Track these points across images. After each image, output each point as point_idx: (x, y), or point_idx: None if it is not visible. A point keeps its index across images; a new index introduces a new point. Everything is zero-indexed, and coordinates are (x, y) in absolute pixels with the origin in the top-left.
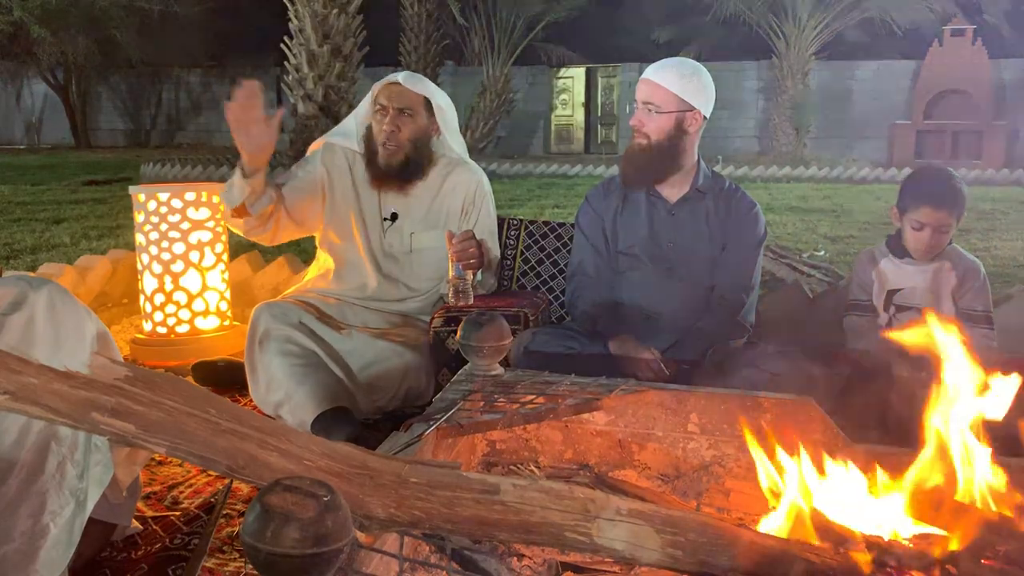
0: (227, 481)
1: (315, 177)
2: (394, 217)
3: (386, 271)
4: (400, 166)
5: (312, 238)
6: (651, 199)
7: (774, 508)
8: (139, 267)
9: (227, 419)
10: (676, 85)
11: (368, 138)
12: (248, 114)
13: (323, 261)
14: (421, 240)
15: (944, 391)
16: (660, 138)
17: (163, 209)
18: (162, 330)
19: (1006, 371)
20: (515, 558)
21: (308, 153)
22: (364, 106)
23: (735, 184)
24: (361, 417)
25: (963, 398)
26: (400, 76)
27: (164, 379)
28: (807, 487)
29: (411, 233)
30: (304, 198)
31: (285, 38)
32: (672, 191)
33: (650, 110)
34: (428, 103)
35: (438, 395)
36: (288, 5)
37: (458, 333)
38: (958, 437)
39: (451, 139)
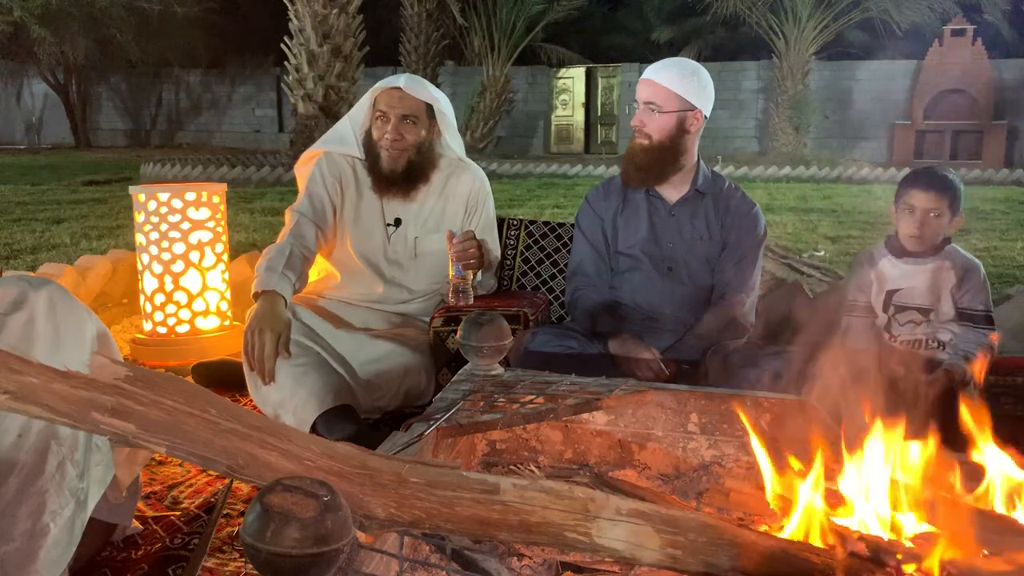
0: (227, 481)
1: (331, 195)
2: (397, 222)
3: (390, 277)
4: (404, 172)
5: None
6: (651, 199)
7: (777, 510)
8: (139, 267)
9: (227, 419)
10: (677, 85)
11: (369, 143)
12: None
13: (325, 264)
14: (425, 244)
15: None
16: (662, 138)
17: (163, 209)
18: (162, 330)
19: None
20: (515, 558)
21: (301, 164)
22: (361, 110)
23: (735, 184)
24: (362, 415)
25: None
26: (401, 81)
27: (164, 379)
28: (811, 489)
29: (415, 238)
30: (329, 220)
31: (285, 38)
32: (672, 191)
33: (652, 110)
34: (429, 107)
35: (438, 395)
36: (288, 5)
37: (458, 333)
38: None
39: (451, 140)
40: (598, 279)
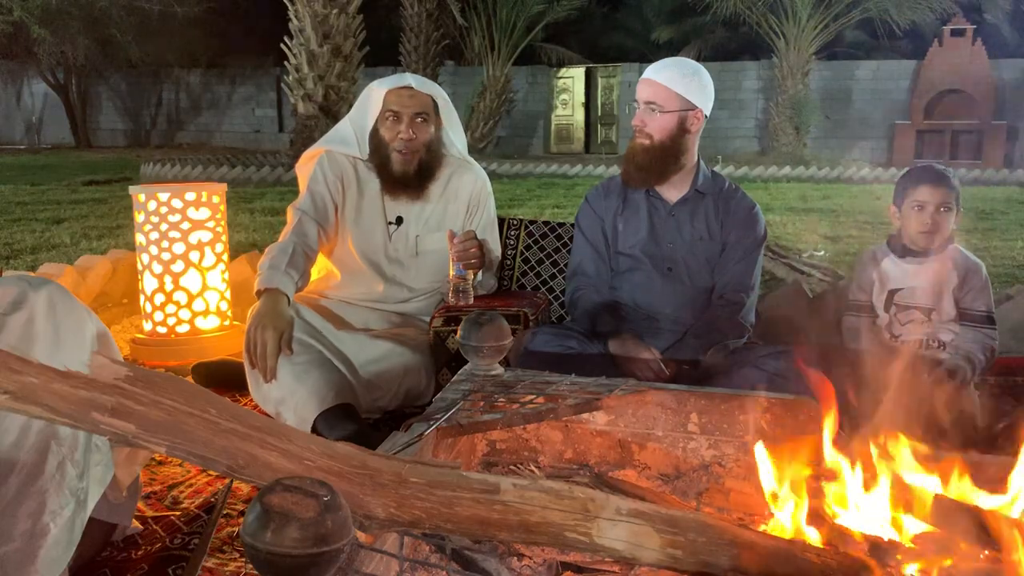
0: (227, 481)
1: (333, 194)
2: (399, 221)
3: (391, 275)
4: (416, 173)
5: None
6: (651, 199)
7: (777, 510)
8: (139, 267)
9: (227, 419)
10: (678, 84)
11: (377, 144)
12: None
13: (326, 263)
14: (426, 243)
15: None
16: (663, 137)
17: (163, 209)
18: (162, 330)
19: (1007, 371)
20: (515, 558)
21: (302, 163)
22: (363, 111)
23: (735, 184)
24: (362, 415)
25: None
26: (411, 79)
27: (164, 379)
28: (810, 489)
29: (416, 236)
30: (331, 219)
31: (285, 38)
32: (672, 192)
33: (652, 109)
34: (434, 103)
35: (438, 395)
36: (288, 5)
37: (458, 333)
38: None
39: (454, 135)
40: (598, 279)
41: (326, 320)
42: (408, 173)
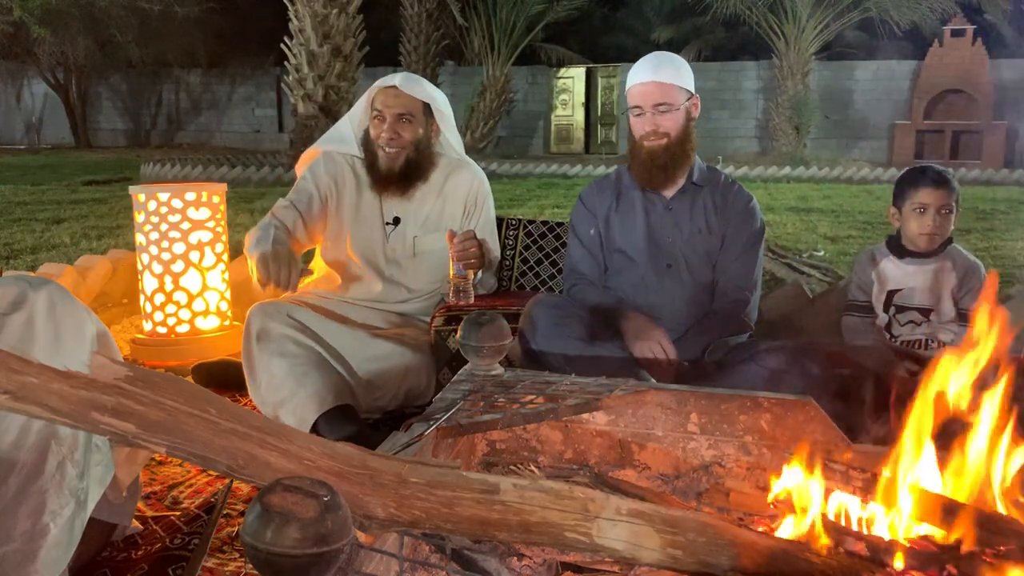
0: (227, 481)
1: (322, 192)
2: (396, 221)
3: (388, 275)
4: (402, 171)
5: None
6: (647, 195)
7: (779, 511)
8: (139, 267)
9: (227, 419)
10: (677, 78)
11: (367, 142)
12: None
13: (324, 264)
14: (424, 243)
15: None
16: (678, 133)
17: (163, 209)
18: (162, 330)
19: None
20: (515, 558)
21: (302, 163)
22: (359, 109)
23: (732, 178)
24: (362, 415)
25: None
26: (397, 80)
27: (164, 379)
28: (811, 489)
29: (414, 237)
30: (316, 213)
31: (285, 38)
32: (669, 186)
33: (664, 110)
34: (427, 105)
35: (438, 395)
36: (288, 5)
37: (458, 332)
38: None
39: (450, 137)
40: (593, 279)
41: (324, 319)
42: (393, 170)
